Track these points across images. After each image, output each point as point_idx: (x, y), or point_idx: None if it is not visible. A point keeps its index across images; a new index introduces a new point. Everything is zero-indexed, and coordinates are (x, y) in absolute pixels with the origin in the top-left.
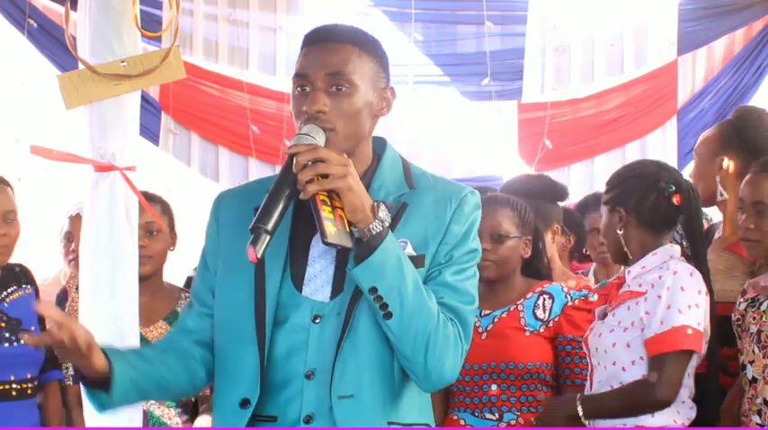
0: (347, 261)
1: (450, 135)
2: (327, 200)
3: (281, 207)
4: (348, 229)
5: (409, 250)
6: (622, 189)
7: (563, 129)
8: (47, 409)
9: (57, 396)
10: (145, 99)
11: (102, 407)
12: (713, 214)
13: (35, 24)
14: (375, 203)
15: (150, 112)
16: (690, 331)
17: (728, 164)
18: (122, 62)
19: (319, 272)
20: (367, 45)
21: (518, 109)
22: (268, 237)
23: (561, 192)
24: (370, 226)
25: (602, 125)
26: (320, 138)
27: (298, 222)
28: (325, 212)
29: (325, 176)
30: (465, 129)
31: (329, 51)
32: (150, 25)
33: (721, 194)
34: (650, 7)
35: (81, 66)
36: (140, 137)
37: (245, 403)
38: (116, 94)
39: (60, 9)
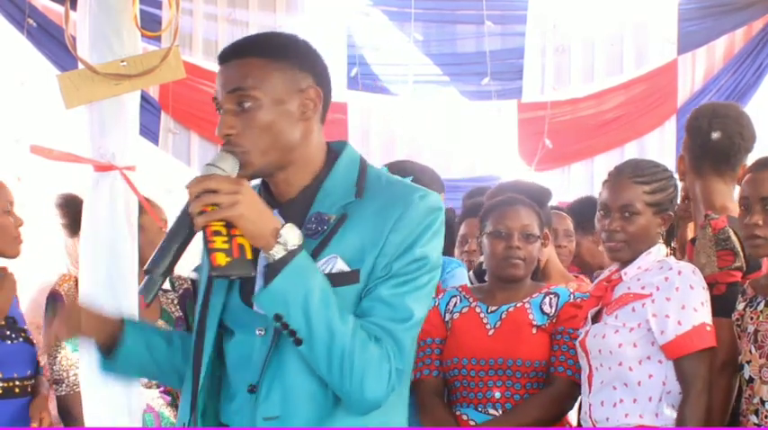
0: None
1: (450, 135)
2: (224, 229)
3: (176, 247)
4: (250, 257)
5: (340, 266)
6: (669, 195)
7: (563, 128)
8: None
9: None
10: (145, 99)
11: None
12: None
13: (35, 24)
14: (282, 226)
15: (150, 112)
16: (708, 328)
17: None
18: (122, 62)
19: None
20: (271, 51)
21: (518, 108)
22: (160, 280)
23: (542, 197)
24: (271, 251)
25: (602, 124)
26: (228, 165)
27: None
28: (218, 244)
29: (216, 206)
30: (465, 129)
31: (229, 69)
32: (150, 25)
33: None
34: (650, 7)
35: (81, 65)
36: (140, 136)
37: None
38: (116, 94)
39: (60, 9)
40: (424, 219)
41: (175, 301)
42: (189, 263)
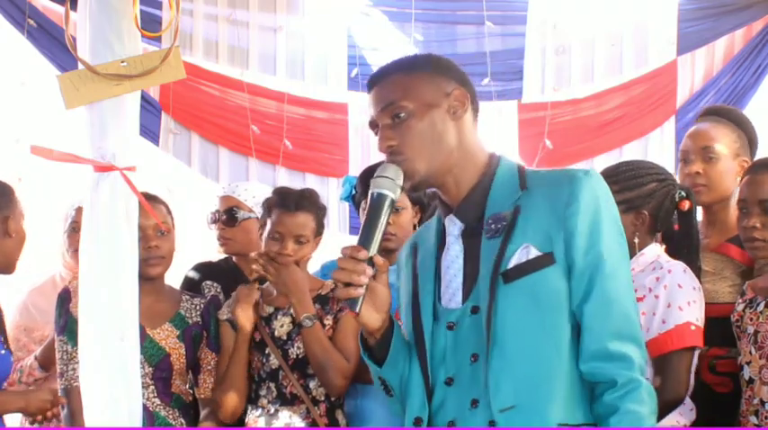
0: (472, 269)
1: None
2: None
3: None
4: None
5: (534, 252)
6: (642, 191)
7: (563, 129)
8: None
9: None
10: (145, 99)
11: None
12: None
13: (35, 24)
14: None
15: (150, 112)
16: (693, 327)
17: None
18: (122, 62)
19: (449, 282)
20: (410, 66)
21: (518, 109)
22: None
23: None
24: None
25: (603, 125)
26: (391, 173)
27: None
28: None
29: None
30: None
31: (377, 91)
32: (150, 25)
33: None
34: (650, 7)
35: (81, 66)
36: (140, 137)
37: (417, 421)
38: (116, 94)
39: (60, 9)
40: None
41: (200, 307)
42: (189, 262)
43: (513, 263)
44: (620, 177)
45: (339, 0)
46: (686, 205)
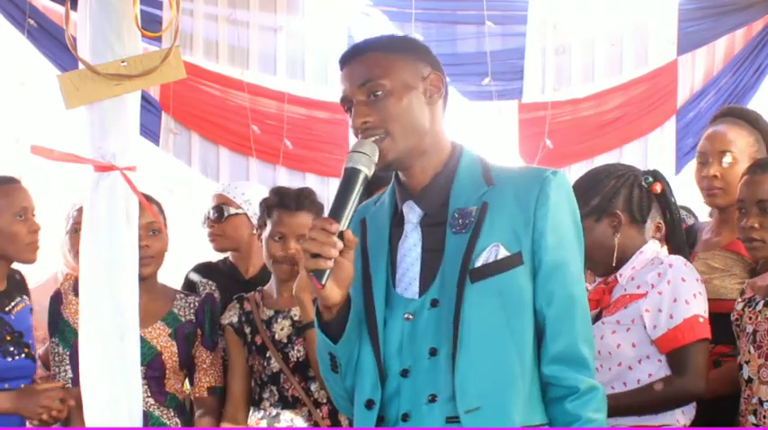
0: (431, 260)
1: (450, 135)
2: None
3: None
4: None
5: (503, 252)
6: (603, 194)
7: (563, 128)
8: None
9: None
10: (145, 99)
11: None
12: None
13: (35, 24)
14: None
15: (151, 112)
16: (701, 319)
17: None
18: (122, 62)
19: (405, 270)
20: (389, 45)
21: (519, 109)
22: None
23: None
24: None
25: (603, 125)
26: (368, 149)
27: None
28: None
29: None
30: (465, 129)
31: (354, 67)
32: (150, 25)
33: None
34: (650, 7)
35: (81, 66)
36: (140, 137)
37: (369, 404)
38: (116, 94)
39: (60, 9)
40: (566, 194)
41: (194, 305)
42: (189, 262)
43: (481, 261)
44: (579, 192)
45: (339, 0)
46: (658, 188)
